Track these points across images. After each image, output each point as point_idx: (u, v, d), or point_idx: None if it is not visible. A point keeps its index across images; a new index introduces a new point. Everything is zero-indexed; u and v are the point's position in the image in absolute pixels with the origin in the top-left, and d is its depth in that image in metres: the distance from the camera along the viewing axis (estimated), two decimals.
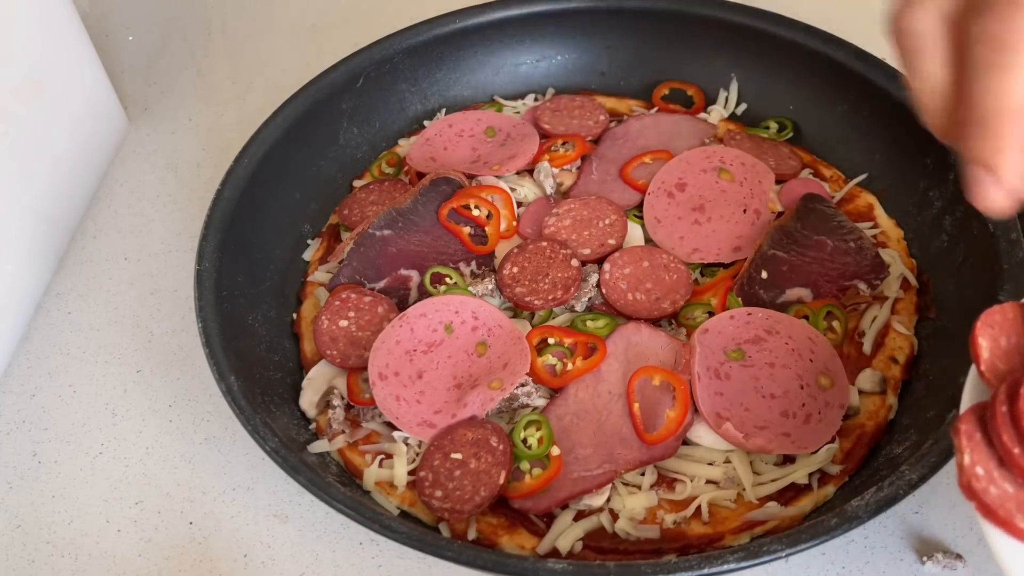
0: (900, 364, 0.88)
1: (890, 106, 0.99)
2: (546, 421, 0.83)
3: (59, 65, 1.09)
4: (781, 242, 0.92)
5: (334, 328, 0.91)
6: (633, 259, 0.94)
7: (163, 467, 0.91)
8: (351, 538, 0.85)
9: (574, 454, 0.82)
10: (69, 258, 1.10)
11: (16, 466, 0.92)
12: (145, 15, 1.42)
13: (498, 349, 0.88)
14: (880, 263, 0.92)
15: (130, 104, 1.27)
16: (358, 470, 0.84)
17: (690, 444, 0.83)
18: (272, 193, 1.00)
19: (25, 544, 0.86)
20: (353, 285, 0.94)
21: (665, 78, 1.15)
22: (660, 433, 0.81)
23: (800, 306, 0.90)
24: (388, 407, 0.84)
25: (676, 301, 0.91)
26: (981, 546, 0.80)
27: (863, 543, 0.81)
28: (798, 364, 0.85)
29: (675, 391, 0.83)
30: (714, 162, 1.01)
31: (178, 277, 1.06)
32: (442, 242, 0.97)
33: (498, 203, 1.00)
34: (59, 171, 1.09)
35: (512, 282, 0.93)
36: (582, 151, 1.06)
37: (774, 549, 0.69)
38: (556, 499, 0.80)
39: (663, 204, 0.99)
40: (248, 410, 0.80)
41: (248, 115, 1.15)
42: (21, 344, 1.02)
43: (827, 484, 0.81)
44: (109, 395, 0.97)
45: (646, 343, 0.88)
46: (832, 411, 0.83)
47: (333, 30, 1.38)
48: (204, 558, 0.84)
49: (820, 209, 0.93)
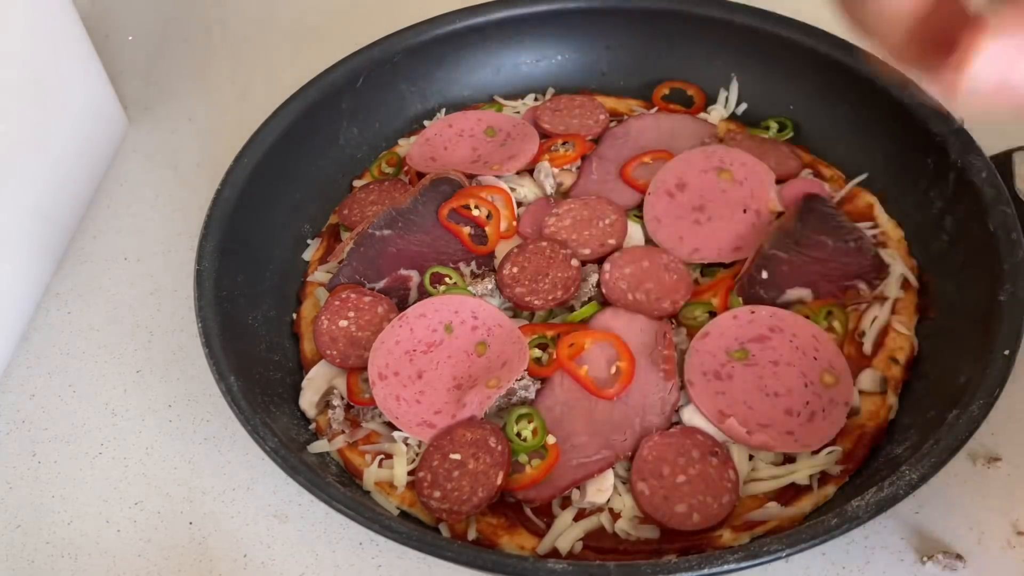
0: (900, 364, 0.88)
1: (890, 106, 0.98)
2: (536, 412, 0.83)
3: (59, 65, 1.09)
4: (781, 242, 0.91)
5: (334, 328, 0.91)
6: (633, 259, 0.94)
7: (163, 467, 0.91)
8: (351, 538, 0.85)
9: (571, 442, 0.82)
10: (69, 258, 1.10)
11: (16, 466, 0.92)
12: (145, 15, 1.42)
13: (497, 349, 0.88)
14: (880, 263, 0.92)
15: (130, 104, 1.27)
16: (358, 470, 0.84)
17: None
18: (272, 193, 1.00)
19: (25, 544, 0.86)
20: (353, 285, 0.94)
21: (665, 78, 1.15)
22: (617, 387, 0.84)
23: (801, 306, 0.90)
24: (388, 407, 0.84)
25: (676, 301, 0.91)
26: (981, 546, 0.81)
27: (863, 543, 0.81)
28: (802, 362, 0.85)
29: (614, 344, 0.86)
30: (714, 162, 1.01)
31: (178, 277, 1.06)
32: (442, 242, 0.97)
33: (498, 203, 1.00)
34: (59, 171, 1.09)
35: (512, 282, 0.93)
36: (582, 151, 1.06)
37: (774, 549, 0.69)
38: (559, 487, 0.80)
39: (663, 204, 0.99)
40: (248, 410, 0.80)
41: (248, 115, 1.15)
42: (21, 344, 1.02)
43: (827, 484, 0.81)
44: (109, 395, 0.97)
45: (625, 327, 0.89)
46: (836, 408, 0.83)
47: (333, 30, 1.37)
48: (204, 558, 0.84)
49: (820, 209, 0.93)
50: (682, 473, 0.79)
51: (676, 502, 0.78)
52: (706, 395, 0.84)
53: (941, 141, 0.93)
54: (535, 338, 0.89)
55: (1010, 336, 0.79)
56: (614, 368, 0.85)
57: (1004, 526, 0.82)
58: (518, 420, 0.83)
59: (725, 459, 0.80)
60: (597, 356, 0.87)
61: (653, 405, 0.84)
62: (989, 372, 0.77)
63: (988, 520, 0.82)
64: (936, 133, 0.94)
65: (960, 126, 0.93)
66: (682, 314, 0.92)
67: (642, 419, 0.83)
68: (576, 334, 0.88)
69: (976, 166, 0.90)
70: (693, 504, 0.78)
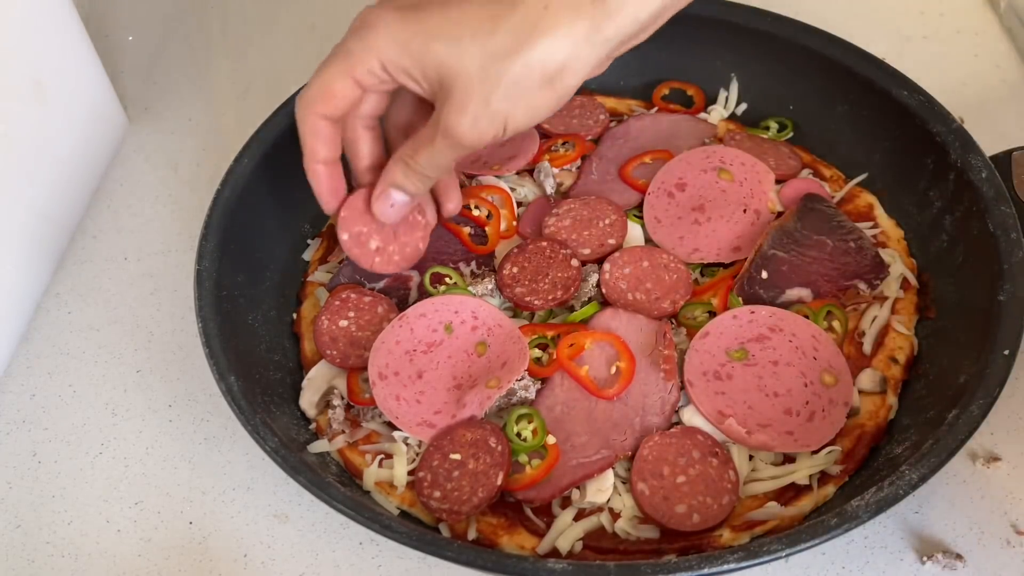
0: (900, 364, 0.88)
1: (890, 106, 0.98)
2: (536, 413, 0.83)
3: (59, 65, 1.09)
4: (781, 242, 0.92)
5: (334, 328, 0.91)
6: (633, 259, 0.94)
7: (163, 467, 0.91)
8: (351, 538, 0.85)
9: (571, 442, 0.82)
10: (69, 258, 1.10)
11: (16, 466, 0.92)
12: (145, 15, 1.42)
13: (497, 348, 0.88)
14: (880, 263, 0.92)
15: (130, 104, 1.27)
16: (358, 470, 0.84)
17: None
18: (272, 193, 1.00)
19: (25, 544, 0.86)
20: (353, 285, 0.94)
21: (665, 78, 1.15)
22: (618, 387, 0.84)
23: (800, 306, 0.90)
24: (388, 407, 0.84)
25: (676, 301, 0.92)
26: (981, 546, 0.81)
27: (863, 543, 0.81)
28: (802, 362, 0.85)
29: (614, 344, 0.86)
30: (714, 162, 1.01)
31: (178, 277, 1.06)
32: (442, 242, 0.97)
33: (498, 203, 1.00)
34: (59, 171, 1.09)
35: (512, 282, 0.93)
36: (582, 151, 1.06)
37: (774, 549, 0.69)
38: (559, 487, 0.80)
39: (663, 204, 0.99)
40: (248, 410, 0.80)
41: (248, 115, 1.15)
42: (21, 344, 1.02)
43: (827, 484, 0.81)
44: (109, 395, 0.97)
45: (625, 327, 0.89)
46: (836, 408, 0.83)
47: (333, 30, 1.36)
48: (204, 558, 0.84)
49: (820, 209, 0.93)
50: (682, 473, 0.79)
51: (676, 502, 0.78)
52: (706, 395, 0.84)
53: (941, 141, 0.93)
54: (535, 338, 0.89)
55: (1010, 336, 0.79)
56: (614, 368, 0.85)
57: (1004, 526, 0.82)
58: (518, 420, 0.83)
59: (725, 460, 0.81)
60: (597, 356, 0.87)
61: (653, 405, 0.84)
62: (989, 372, 0.77)
63: (988, 520, 0.82)
64: (936, 133, 0.94)
65: (960, 126, 0.93)
66: (681, 314, 0.92)
67: (642, 419, 0.83)
68: (576, 334, 0.88)
69: (976, 166, 0.90)
70: (693, 505, 0.78)
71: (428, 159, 0.77)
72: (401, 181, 0.81)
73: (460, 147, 0.74)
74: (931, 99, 0.96)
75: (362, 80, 0.76)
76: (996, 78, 1.20)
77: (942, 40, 1.26)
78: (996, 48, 1.24)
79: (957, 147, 0.92)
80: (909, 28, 1.28)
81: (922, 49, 1.25)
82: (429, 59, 0.71)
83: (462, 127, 0.72)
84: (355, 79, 0.76)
